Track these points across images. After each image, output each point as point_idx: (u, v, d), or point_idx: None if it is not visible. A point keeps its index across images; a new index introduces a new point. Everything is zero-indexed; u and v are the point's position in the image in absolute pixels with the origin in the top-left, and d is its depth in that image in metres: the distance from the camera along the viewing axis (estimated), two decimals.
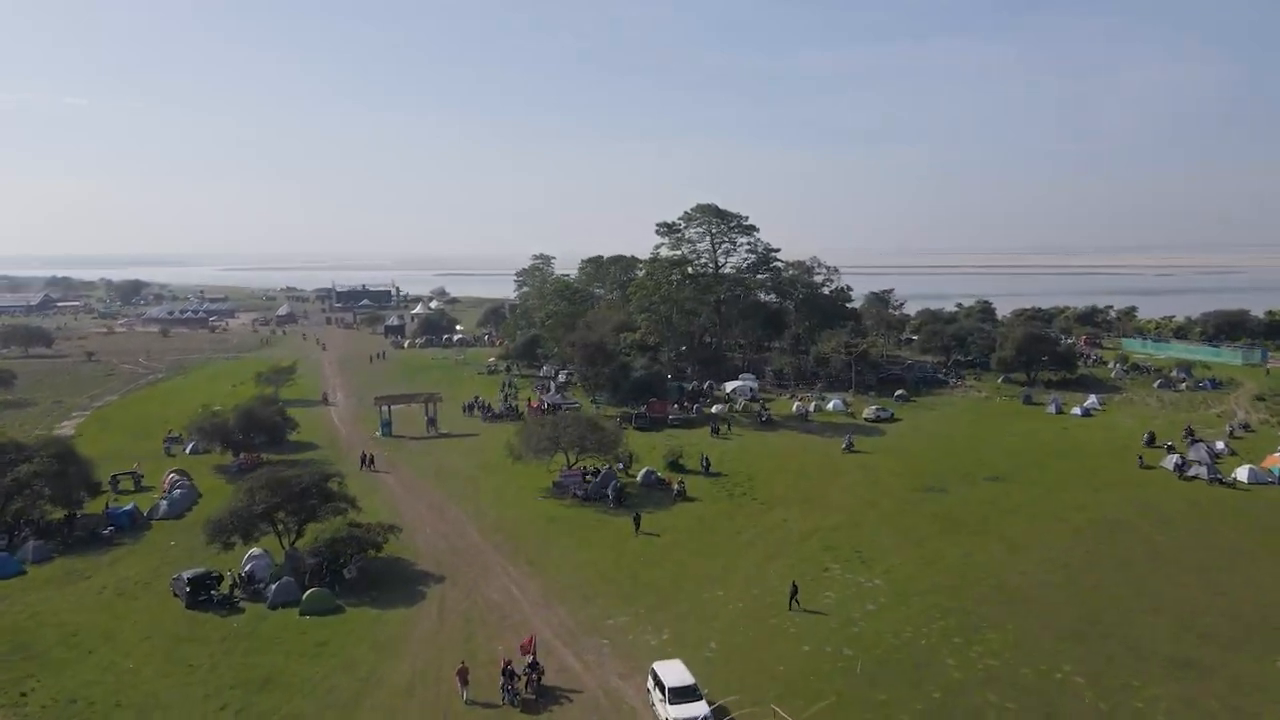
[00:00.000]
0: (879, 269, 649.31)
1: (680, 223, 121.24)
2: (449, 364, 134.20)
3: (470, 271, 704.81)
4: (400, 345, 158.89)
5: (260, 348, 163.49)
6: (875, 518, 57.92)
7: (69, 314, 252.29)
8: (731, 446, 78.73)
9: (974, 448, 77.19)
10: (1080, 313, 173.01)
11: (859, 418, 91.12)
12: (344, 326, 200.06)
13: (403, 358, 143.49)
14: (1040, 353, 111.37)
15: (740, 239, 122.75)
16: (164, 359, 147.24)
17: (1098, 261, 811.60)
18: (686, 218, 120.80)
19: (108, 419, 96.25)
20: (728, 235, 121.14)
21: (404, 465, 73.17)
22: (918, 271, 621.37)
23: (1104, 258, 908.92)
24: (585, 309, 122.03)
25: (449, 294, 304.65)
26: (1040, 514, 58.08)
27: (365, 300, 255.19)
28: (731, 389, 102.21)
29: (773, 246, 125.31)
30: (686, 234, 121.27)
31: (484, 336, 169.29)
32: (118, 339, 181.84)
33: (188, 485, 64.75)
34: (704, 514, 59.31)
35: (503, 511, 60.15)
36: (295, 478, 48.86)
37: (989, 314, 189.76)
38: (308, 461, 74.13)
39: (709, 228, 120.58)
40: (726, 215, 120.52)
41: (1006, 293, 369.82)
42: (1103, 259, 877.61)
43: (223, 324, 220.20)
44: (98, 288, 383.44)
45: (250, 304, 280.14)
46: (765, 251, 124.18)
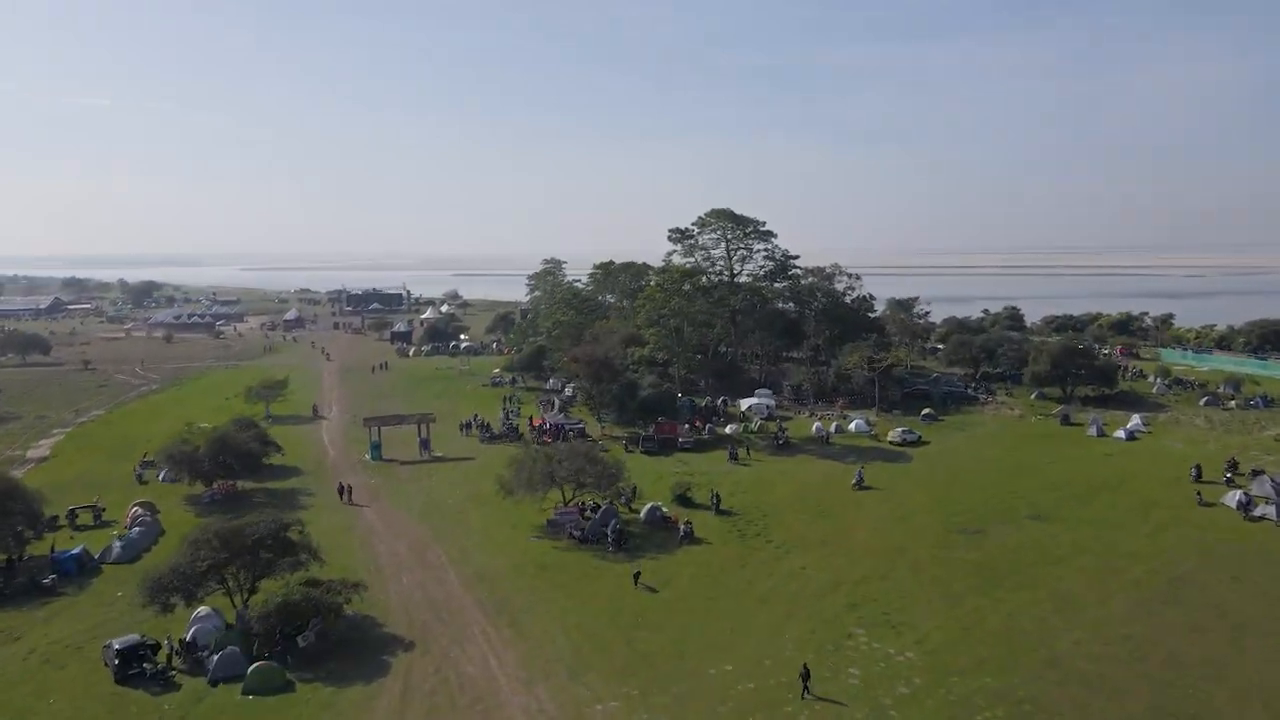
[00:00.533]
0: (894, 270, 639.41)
1: (694, 229, 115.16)
2: (452, 374, 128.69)
3: (487, 272, 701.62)
4: (405, 353, 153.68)
5: (263, 355, 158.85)
6: (905, 567, 51.58)
7: (79, 317, 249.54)
8: (746, 475, 72.52)
9: (1011, 478, 70.57)
10: (1115, 320, 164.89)
11: (883, 440, 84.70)
12: (352, 331, 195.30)
13: (406, 367, 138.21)
14: (1077, 367, 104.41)
15: (757, 245, 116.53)
16: (162, 368, 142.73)
17: (1122, 261, 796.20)
18: (700, 223, 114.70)
19: (87, 438, 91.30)
20: (744, 241, 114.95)
21: (388, 496, 67.47)
22: (936, 273, 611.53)
23: (1129, 258, 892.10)
24: (593, 320, 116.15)
25: (461, 297, 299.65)
26: (1092, 564, 51.53)
27: (375, 304, 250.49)
28: (747, 406, 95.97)
29: (791, 253, 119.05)
30: (700, 240, 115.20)
31: (492, 344, 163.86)
32: (120, 345, 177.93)
33: (150, 520, 59.31)
34: (712, 560, 53.19)
35: (490, 555, 54.28)
36: (248, 527, 43.16)
37: (1017, 320, 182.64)
38: (289, 490, 68.97)
39: (724, 234, 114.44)
40: (742, 221, 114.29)
41: (1029, 295, 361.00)
42: (1128, 259, 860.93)
43: (231, 328, 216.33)
44: (112, 289, 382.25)
45: (261, 306, 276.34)
46: (783, 258, 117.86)
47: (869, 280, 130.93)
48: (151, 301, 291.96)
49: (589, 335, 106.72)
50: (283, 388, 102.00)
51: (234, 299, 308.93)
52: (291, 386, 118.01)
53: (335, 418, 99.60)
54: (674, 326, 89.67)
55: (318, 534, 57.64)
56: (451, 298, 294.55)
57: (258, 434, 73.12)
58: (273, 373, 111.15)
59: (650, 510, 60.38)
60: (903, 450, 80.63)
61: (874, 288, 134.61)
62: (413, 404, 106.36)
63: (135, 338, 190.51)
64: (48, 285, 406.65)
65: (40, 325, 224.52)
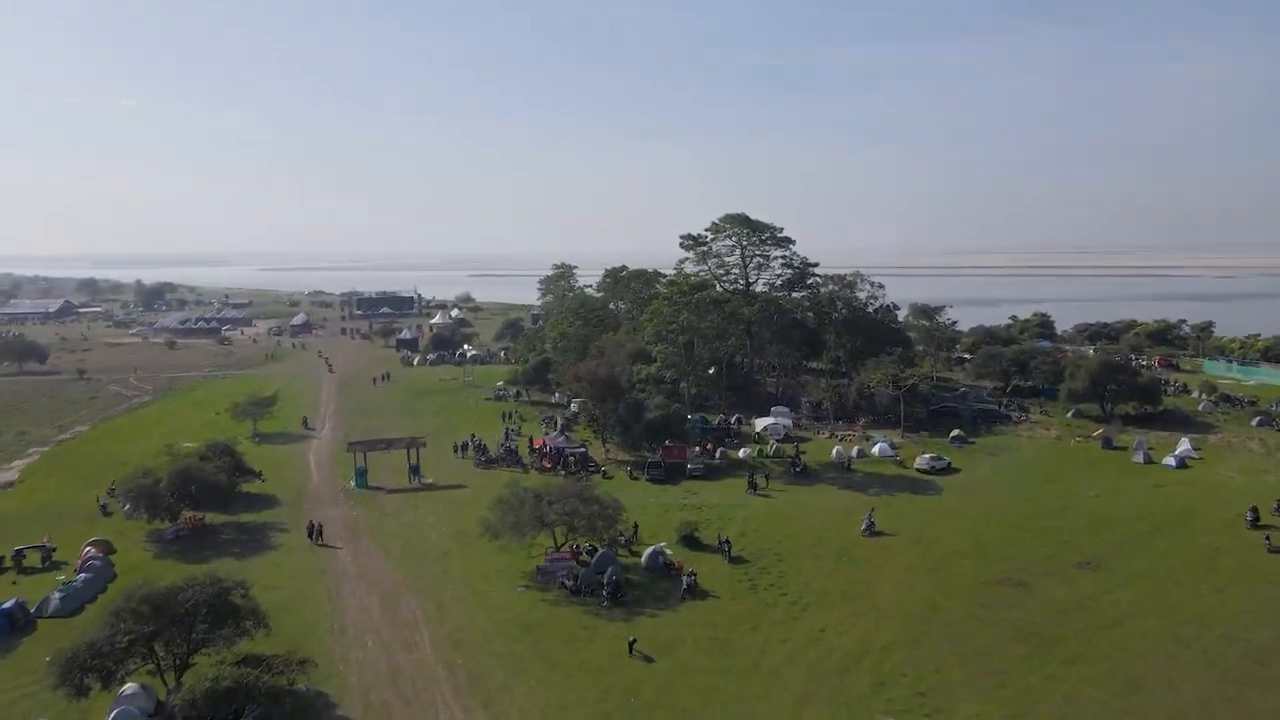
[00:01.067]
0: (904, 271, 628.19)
1: (707, 235, 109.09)
2: (455, 387, 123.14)
3: (501, 272, 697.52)
4: (410, 362, 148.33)
5: (264, 364, 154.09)
6: (940, 630, 45.22)
7: (88, 321, 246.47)
8: (760, 508, 66.28)
9: (1053, 515, 63.92)
10: (1152, 329, 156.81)
11: (909, 466, 78.22)
12: (361, 337, 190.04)
13: (409, 378, 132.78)
14: (1118, 383, 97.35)
15: (774, 252, 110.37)
16: (158, 377, 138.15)
17: (1145, 261, 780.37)
18: (714, 229, 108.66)
19: (63, 458, 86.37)
20: (760, 248, 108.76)
21: (368, 532, 61.71)
22: (949, 274, 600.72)
23: (1154, 258, 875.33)
24: (600, 331, 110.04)
25: (473, 300, 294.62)
26: (1155, 629, 44.96)
27: (385, 307, 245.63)
28: (763, 427, 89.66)
29: (810, 260, 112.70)
30: (714, 247, 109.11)
31: (499, 352, 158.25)
32: (122, 352, 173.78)
33: (101, 564, 53.87)
34: (719, 619, 47.02)
35: (470, 610, 48.37)
36: (181, 592, 37.44)
37: (1047, 327, 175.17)
38: (262, 525, 63.43)
39: (739, 240, 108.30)
40: (758, 226, 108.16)
41: (1054, 298, 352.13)
42: (1152, 259, 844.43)
43: (238, 332, 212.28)
44: (126, 290, 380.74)
45: (271, 310, 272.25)
46: (802, 266, 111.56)
47: (904, 284, 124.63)
48: (162, 304, 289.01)
49: (595, 349, 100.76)
50: (271, 404, 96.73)
51: (246, 301, 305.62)
52: (286, 400, 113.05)
53: (326, 436, 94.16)
54: (683, 343, 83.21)
55: (284, 582, 52.40)
56: (463, 301, 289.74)
57: (229, 462, 67.58)
58: (262, 388, 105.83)
59: (652, 555, 54.29)
60: (931, 480, 74.10)
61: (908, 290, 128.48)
62: (410, 419, 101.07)
63: (139, 343, 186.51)
64: (64, 286, 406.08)
65: (47, 330, 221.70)
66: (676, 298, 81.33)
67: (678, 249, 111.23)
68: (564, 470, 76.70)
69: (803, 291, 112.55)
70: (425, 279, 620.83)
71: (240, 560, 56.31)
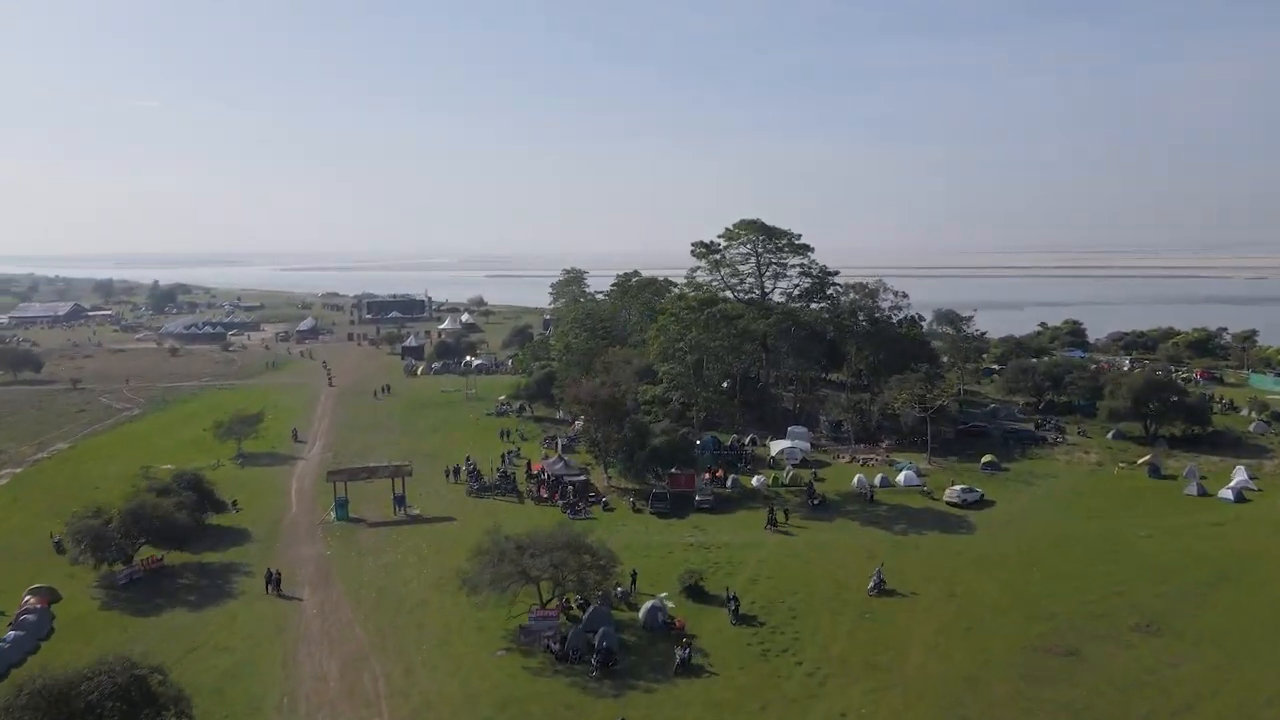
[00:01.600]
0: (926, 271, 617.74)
1: (720, 242, 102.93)
2: (458, 400, 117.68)
3: (518, 272, 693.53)
4: (413, 371, 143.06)
5: (264, 373, 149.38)
6: (979, 713, 38.92)
7: (97, 324, 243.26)
8: (773, 550, 60.10)
9: (1101, 558, 57.39)
10: (1192, 339, 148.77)
11: (938, 497, 71.73)
12: (369, 343, 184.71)
13: (411, 390, 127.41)
14: (1163, 402, 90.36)
15: (791, 260, 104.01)
16: (154, 387, 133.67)
17: (1177, 262, 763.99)
18: (728, 236, 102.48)
19: (33, 482, 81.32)
20: (776, 256, 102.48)
21: (340, 576, 56.04)
22: (972, 274, 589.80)
23: (1185, 259, 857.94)
24: (607, 344, 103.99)
25: (485, 303, 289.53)
26: (1235, 712, 38.50)
27: (395, 311, 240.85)
28: (779, 451, 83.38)
29: (829, 269, 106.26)
30: (728, 255, 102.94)
31: (507, 360, 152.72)
32: (123, 359, 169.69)
33: (38, 616, 48.53)
34: (722, 698, 40.76)
35: (441, 680, 42.51)
36: (84, 685, 31.76)
37: (1079, 336, 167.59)
38: (226, 566, 57.97)
39: (754, 247, 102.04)
40: (774, 233, 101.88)
41: (1082, 300, 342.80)
42: (1184, 260, 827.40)
43: (245, 337, 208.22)
44: (140, 291, 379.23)
45: (281, 313, 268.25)
46: (821, 274, 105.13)
47: (899, 284, 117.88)
48: (173, 307, 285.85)
49: (600, 363, 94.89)
50: (257, 423, 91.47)
51: (257, 304, 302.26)
52: (280, 414, 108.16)
53: (315, 456, 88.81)
54: (691, 363, 76.80)
55: (236, 641, 46.81)
56: (476, 304, 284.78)
57: (194, 497, 62.09)
58: (250, 404, 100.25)
59: (651, 611, 48.25)
60: (962, 515, 67.53)
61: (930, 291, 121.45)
62: (406, 438, 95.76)
63: (142, 350, 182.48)
64: (82, 287, 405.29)
65: (55, 334, 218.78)
66: (684, 314, 74.76)
67: (694, 260, 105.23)
68: (562, 500, 70.91)
69: (822, 302, 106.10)
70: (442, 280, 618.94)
71: (195, 611, 50.86)
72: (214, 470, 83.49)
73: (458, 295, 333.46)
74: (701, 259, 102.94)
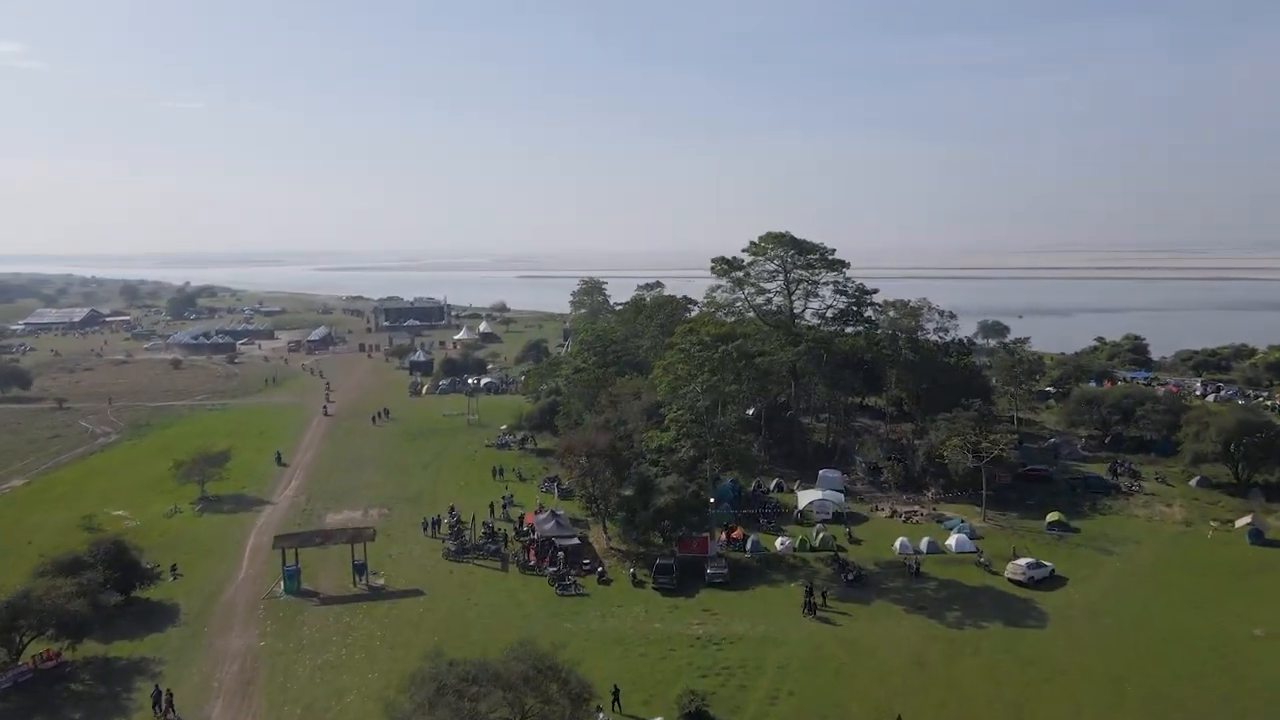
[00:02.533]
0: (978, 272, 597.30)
1: (744, 258, 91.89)
2: (460, 425, 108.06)
3: (551, 273, 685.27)
4: (418, 390, 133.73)
5: (263, 389, 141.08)
6: None
7: (111, 330, 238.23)
8: (802, 648, 49.15)
9: (1210, 674, 45.72)
10: (1273, 360, 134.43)
11: (998, 569, 60.17)
12: (383, 354, 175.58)
13: (412, 412, 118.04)
14: (1259, 445, 77.71)
15: (824, 276, 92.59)
16: (142, 407, 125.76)
17: (1232, 263, 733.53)
18: (753, 250, 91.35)
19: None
20: (807, 273, 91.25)
21: (262, 686, 45.91)
22: (1029, 276, 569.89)
23: (1239, 258, 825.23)
24: (617, 370, 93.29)
25: (507, 309, 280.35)
26: None
27: (412, 319, 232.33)
28: (807, 503, 72.27)
29: (867, 287, 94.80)
30: (753, 271, 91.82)
31: (520, 378, 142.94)
32: (122, 372, 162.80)
33: None
34: None
35: None
36: None
37: (1141, 353, 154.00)
38: (138, 663, 48.35)
39: (783, 264, 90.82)
40: (805, 247, 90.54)
41: (1136, 306, 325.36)
42: (1237, 259, 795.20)
43: (255, 346, 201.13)
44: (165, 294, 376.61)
45: (300, 319, 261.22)
46: (857, 293, 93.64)
47: (935, 287, 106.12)
48: (192, 313, 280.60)
49: (607, 396, 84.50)
50: (223, 463, 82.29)
51: (278, 309, 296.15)
52: (266, 440, 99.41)
53: (286, 500, 79.38)
54: (704, 408, 65.32)
55: None
56: (498, 310, 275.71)
57: (107, 575, 52.54)
58: (232, 431, 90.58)
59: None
60: (1030, 600, 55.82)
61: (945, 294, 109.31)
62: (393, 475, 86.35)
63: (144, 362, 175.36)
64: (109, 290, 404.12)
65: (64, 342, 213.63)
66: (695, 351, 63.07)
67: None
68: (552, 569, 60.57)
69: (859, 325, 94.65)
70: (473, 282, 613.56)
71: None
72: (169, 519, 74.67)
73: (485, 298, 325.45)
74: (723, 276, 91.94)
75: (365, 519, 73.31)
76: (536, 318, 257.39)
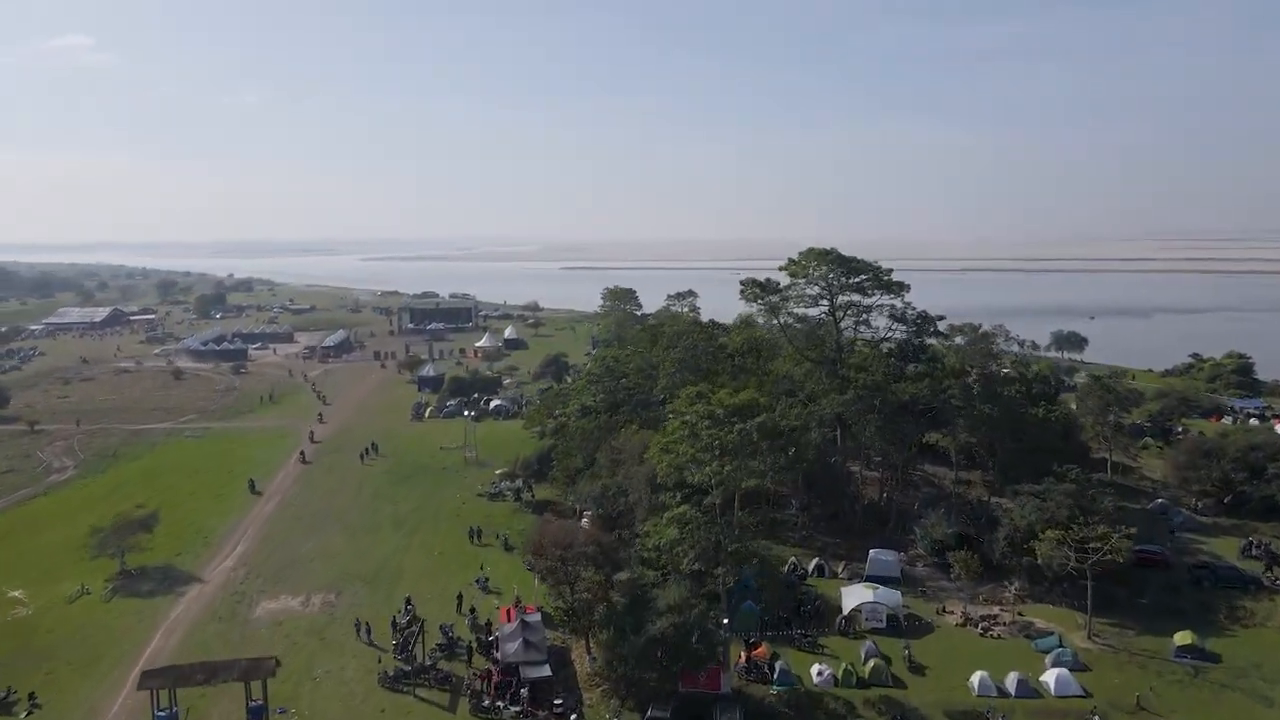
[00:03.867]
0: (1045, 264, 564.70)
1: (783, 279, 76.06)
2: (458, 462, 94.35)
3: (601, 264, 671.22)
4: (420, 414, 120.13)
5: (258, 408, 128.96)
6: None
7: (127, 332, 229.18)
8: None
9: None
10: None
11: None
12: (397, 366, 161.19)
13: (405, 444, 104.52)
14: None
15: (878, 299, 76.26)
16: (118, 431, 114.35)
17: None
18: (792, 270, 75.42)
19: None
20: (857, 298, 75.09)
21: None
22: (1098, 269, 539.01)
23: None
24: (626, 416, 77.67)
25: (540, 309, 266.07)
26: None
27: (438, 321, 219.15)
28: (855, 605, 56.44)
29: (930, 314, 78.31)
30: (790, 295, 75.86)
31: (535, 398, 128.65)
32: (121, 384, 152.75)
33: None
34: None
35: None
36: None
37: (1246, 374, 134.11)
38: None
39: (827, 286, 74.72)
40: (854, 266, 74.38)
41: (1224, 306, 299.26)
42: None
43: (270, 351, 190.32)
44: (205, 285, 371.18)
45: (327, 319, 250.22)
46: (918, 320, 77.19)
47: (997, 281, 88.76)
48: (219, 310, 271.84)
49: (608, 453, 69.55)
50: (149, 528, 69.15)
51: (308, 306, 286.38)
52: (237, 474, 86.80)
53: (223, 574, 66.07)
54: (718, 503, 48.91)
55: None
56: (530, 310, 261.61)
57: None
58: (132, 509, 74.95)
59: None
60: None
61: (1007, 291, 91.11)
62: (357, 538, 72.89)
63: (145, 372, 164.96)
64: (149, 282, 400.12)
65: (82, 345, 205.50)
66: (703, 429, 46.46)
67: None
68: (513, 709, 45.93)
69: (919, 362, 78.24)
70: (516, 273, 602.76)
71: None
72: (71, 604, 61.72)
73: (523, 294, 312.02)
74: (754, 302, 76.11)
75: (305, 608, 59.90)
76: (569, 318, 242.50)
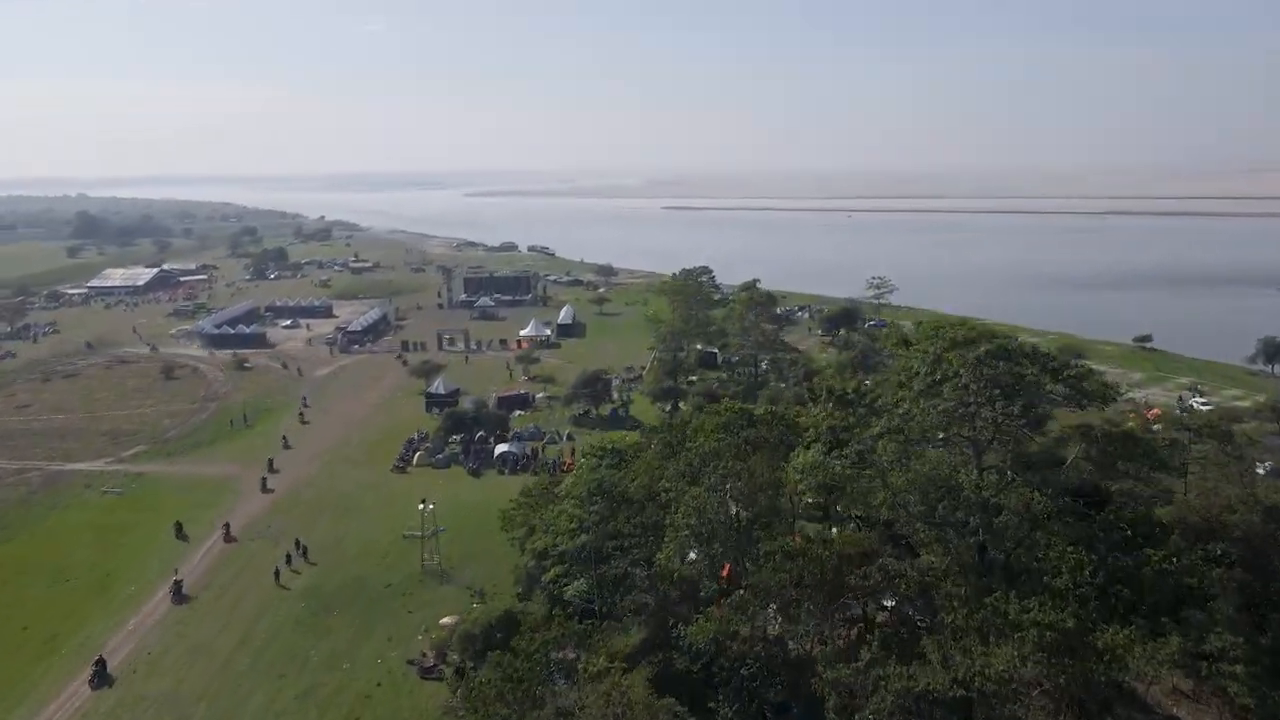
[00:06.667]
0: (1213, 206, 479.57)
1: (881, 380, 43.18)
2: (413, 574, 66.75)
3: (705, 204, 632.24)
4: (406, 463, 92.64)
5: (221, 437, 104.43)
6: None
7: (167, 299, 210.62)
8: None
9: None
10: None
11: None
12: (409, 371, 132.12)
13: (370, 516, 77.82)
14: None
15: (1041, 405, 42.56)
16: (32, 475, 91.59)
17: None
18: (906, 364, 42.48)
19: None
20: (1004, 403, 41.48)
21: None
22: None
23: None
24: (635, 556, 47.93)
25: (615, 273, 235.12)
26: None
27: (493, 293, 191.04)
28: None
29: (1111, 385, 44.06)
30: (900, 416, 42.90)
31: (561, 433, 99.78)
32: (104, 381, 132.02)
33: None
34: None
35: None
36: None
37: None
38: None
39: (964, 392, 41.45)
40: (1014, 354, 40.89)
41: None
42: None
43: (303, 328, 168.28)
44: (283, 233, 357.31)
45: (388, 282, 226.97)
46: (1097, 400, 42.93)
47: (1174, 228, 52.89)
48: (273, 270, 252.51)
49: (596, 654, 39.91)
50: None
51: (370, 263, 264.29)
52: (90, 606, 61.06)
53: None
54: None
55: None
56: (602, 275, 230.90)
57: None
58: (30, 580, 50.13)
59: None
60: None
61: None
62: None
63: (139, 365, 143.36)
64: (222, 233, 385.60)
65: (107, 317, 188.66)
66: None
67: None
68: None
69: (1088, 467, 44.59)
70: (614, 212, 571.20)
71: None
72: None
73: (611, 243, 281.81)
74: (834, 346, 43.70)
75: None
76: (647, 288, 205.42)
